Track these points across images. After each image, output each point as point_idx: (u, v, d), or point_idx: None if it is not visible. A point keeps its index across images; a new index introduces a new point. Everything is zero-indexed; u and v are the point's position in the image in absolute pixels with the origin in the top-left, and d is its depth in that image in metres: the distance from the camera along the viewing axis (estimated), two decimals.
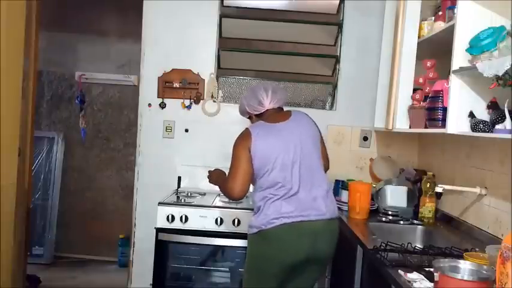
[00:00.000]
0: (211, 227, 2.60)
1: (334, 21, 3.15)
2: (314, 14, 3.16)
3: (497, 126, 1.71)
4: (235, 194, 2.09)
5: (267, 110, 2.21)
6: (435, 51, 2.32)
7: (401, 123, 2.51)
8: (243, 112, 2.33)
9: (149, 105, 3.10)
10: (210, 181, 2.41)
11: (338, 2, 3.09)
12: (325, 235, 2.09)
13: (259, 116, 2.23)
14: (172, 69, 3.09)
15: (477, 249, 1.78)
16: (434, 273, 1.36)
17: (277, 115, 2.20)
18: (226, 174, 2.27)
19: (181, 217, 2.59)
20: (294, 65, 3.28)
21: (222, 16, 3.10)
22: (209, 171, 2.43)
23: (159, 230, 2.60)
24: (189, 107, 3.10)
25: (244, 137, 2.10)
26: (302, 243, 2.03)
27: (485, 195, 2.13)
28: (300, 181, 2.06)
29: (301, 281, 2.17)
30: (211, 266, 2.76)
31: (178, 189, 2.98)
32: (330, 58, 3.18)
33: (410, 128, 2.47)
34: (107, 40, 4.34)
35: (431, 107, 2.09)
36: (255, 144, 2.06)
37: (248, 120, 2.36)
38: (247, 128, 2.15)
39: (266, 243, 2.04)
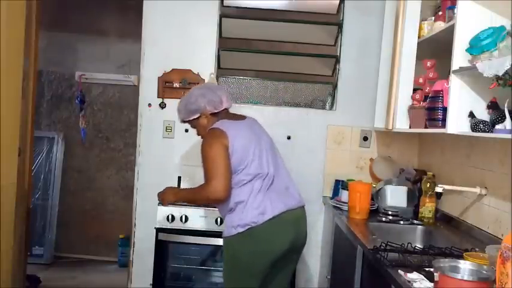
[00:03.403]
0: (211, 227, 2.60)
1: (334, 21, 3.15)
2: (314, 14, 3.15)
3: (497, 126, 1.71)
4: (221, 194, 1.96)
5: (223, 109, 2.19)
6: (435, 51, 2.32)
7: (401, 123, 2.51)
8: (195, 111, 2.15)
9: (149, 105, 3.10)
10: (164, 203, 2.23)
11: (338, 2, 3.09)
12: (303, 222, 2.19)
13: (214, 116, 2.17)
14: (172, 69, 3.09)
15: (477, 249, 1.78)
16: (434, 273, 1.36)
17: (233, 115, 2.22)
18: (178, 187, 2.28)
19: (181, 217, 2.59)
20: (294, 65, 3.28)
21: (222, 16, 3.10)
22: (159, 194, 2.24)
23: (159, 230, 2.60)
24: None
25: (218, 135, 2.04)
26: (287, 233, 2.08)
27: (485, 195, 2.13)
28: (274, 168, 2.12)
29: (282, 276, 2.21)
30: (211, 266, 2.77)
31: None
32: (330, 58, 3.18)
33: (410, 128, 2.47)
34: (107, 40, 4.34)
35: (431, 107, 2.09)
36: (232, 141, 2.03)
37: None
38: (216, 128, 2.08)
39: (254, 240, 2.03)
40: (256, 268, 2.06)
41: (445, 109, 1.97)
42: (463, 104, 1.88)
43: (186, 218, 2.58)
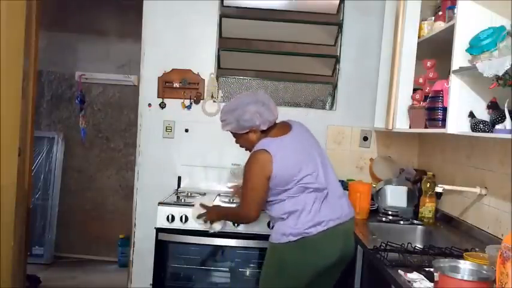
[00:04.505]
0: None
1: (334, 21, 3.15)
2: (314, 14, 3.15)
3: (497, 126, 1.71)
4: (251, 220, 2.08)
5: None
6: (435, 51, 2.32)
7: (401, 123, 2.51)
8: (248, 127, 2.08)
9: (149, 105, 3.10)
10: (208, 219, 2.28)
11: (338, 2, 3.09)
12: (352, 234, 2.14)
13: (263, 132, 2.10)
14: (172, 69, 3.09)
15: (477, 249, 1.78)
16: (434, 273, 1.36)
17: (280, 127, 2.13)
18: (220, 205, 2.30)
19: (181, 217, 2.58)
20: (294, 65, 3.28)
21: (222, 16, 3.10)
22: (201, 214, 2.30)
23: (159, 230, 2.59)
24: (189, 107, 3.10)
25: (262, 164, 1.98)
26: (337, 245, 2.03)
27: (485, 195, 2.14)
28: (326, 181, 2.05)
29: (325, 285, 2.16)
30: (211, 266, 2.76)
31: (178, 189, 2.98)
32: (330, 58, 3.18)
33: (410, 128, 2.47)
34: (107, 40, 4.34)
35: (431, 107, 2.09)
36: (278, 164, 1.97)
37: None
38: (262, 151, 1.99)
39: (304, 250, 1.99)
40: (301, 278, 2.02)
41: (445, 109, 1.97)
42: (463, 104, 1.88)
43: (186, 218, 2.58)
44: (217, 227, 2.32)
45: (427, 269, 1.57)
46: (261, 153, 2.00)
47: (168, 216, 2.59)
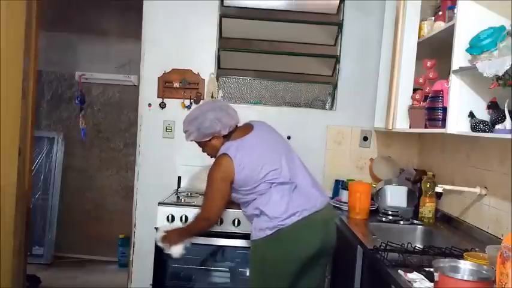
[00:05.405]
0: None
1: (334, 21, 3.15)
2: (314, 14, 3.16)
3: (497, 126, 1.72)
4: (212, 224, 2.24)
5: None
6: (435, 51, 2.33)
7: (401, 123, 2.51)
8: (210, 134, 2.16)
9: (149, 105, 3.10)
10: (170, 242, 2.29)
11: (338, 2, 3.09)
12: (332, 223, 2.17)
13: (225, 137, 2.17)
14: (172, 69, 3.09)
15: (477, 249, 1.78)
16: (434, 273, 1.36)
17: (241, 130, 2.19)
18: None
19: (181, 217, 2.58)
20: (294, 65, 3.28)
21: (222, 16, 3.10)
22: (162, 239, 2.31)
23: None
24: (189, 107, 3.09)
25: (225, 166, 2.05)
26: (317, 234, 2.06)
27: (485, 195, 2.14)
28: (291, 174, 2.10)
29: (309, 280, 2.16)
30: (211, 266, 2.76)
31: (178, 189, 2.98)
32: (330, 58, 3.18)
33: (410, 128, 2.47)
34: (107, 40, 4.34)
35: (431, 107, 2.09)
36: (238, 164, 2.03)
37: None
38: (223, 154, 2.08)
39: (283, 242, 2.01)
40: (286, 270, 2.03)
41: (445, 109, 1.97)
42: (463, 104, 1.88)
43: (186, 218, 2.58)
44: (176, 251, 2.28)
45: (427, 269, 1.56)
46: (221, 158, 2.08)
47: (168, 216, 2.59)
